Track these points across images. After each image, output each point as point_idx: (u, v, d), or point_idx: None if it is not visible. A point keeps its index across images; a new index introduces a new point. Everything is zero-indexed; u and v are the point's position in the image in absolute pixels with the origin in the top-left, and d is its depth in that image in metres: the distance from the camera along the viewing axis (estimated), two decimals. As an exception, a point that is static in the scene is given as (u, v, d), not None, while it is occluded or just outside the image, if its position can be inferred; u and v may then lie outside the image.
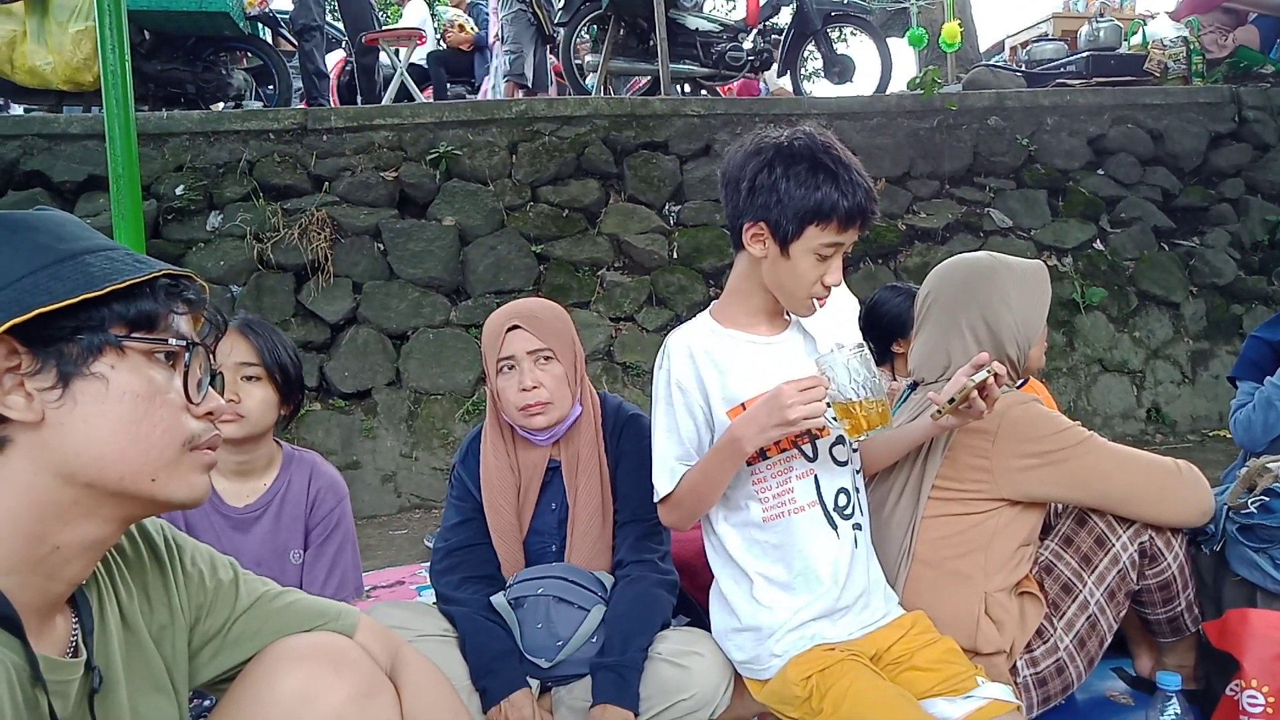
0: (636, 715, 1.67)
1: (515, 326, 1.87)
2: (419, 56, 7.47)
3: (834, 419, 1.56)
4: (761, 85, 7.01)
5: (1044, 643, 1.75)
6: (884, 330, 2.73)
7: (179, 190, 5.07)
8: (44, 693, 0.89)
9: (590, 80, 6.84)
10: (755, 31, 6.91)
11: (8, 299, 0.86)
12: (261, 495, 1.92)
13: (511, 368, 1.87)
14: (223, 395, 1.04)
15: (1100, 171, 6.21)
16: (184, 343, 0.95)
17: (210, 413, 0.98)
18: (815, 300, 1.64)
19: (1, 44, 5.10)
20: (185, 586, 1.10)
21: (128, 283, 0.91)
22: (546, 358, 1.87)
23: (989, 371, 1.55)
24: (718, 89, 7.33)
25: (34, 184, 5.01)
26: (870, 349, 1.59)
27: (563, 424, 1.90)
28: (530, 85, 6.81)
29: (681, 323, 1.81)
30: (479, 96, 7.42)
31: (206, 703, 1.59)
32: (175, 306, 0.96)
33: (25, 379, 0.87)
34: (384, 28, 7.53)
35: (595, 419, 1.96)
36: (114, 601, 1.03)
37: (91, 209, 4.89)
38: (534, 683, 1.79)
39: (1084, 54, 6.98)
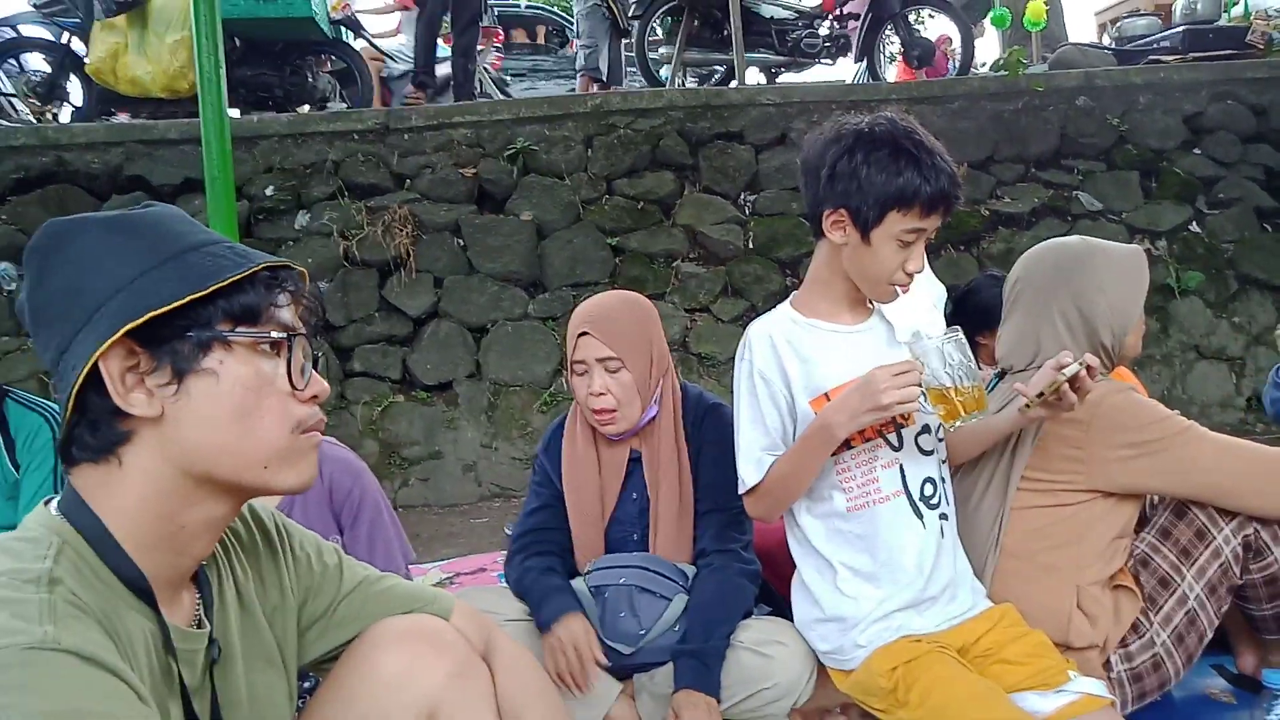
0: (719, 701, 1.69)
1: (585, 333, 1.89)
2: None
3: (927, 404, 1.54)
4: (951, 66, 6.85)
5: (1140, 638, 1.70)
6: (972, 318, 2.51)
7: (269, 191, 5.26)
8: (174, 660, 0.96)
9: (664, 72, 6.83)
10: (831, 17, 6.81)
11: (121, 303, 0.91)
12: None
13: (584, 371, 1.90)
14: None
15: (1197, 151, 5.92)
16: (285, 333, 0.99)
17: (315, 396, 1.02)
18: (897, 287, 1.62)
19: (105, 56, 5.36)
20: (294, 569, 1.16)
21: (230, 280, 0.95)
22: (615, 367, 1.88)
23: (1081, 364, 1.51)
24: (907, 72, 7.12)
25: (135, 188, 5.24)
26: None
27: (634, 427, 1.92)
28: (605, 79, 6.85)
29: (757, 313, 1.80)
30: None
31: (306, 684, 1.65)
32: (276, 298, 1.00)
33: (145, 376, 0.92)
34: None
35: (676, 411, 1.97)
36: (231, 580, 1.09)
37: (189, 210, 4.96)
38: (618, 683, 1.81)
39: (1179, 28, 6.69)
